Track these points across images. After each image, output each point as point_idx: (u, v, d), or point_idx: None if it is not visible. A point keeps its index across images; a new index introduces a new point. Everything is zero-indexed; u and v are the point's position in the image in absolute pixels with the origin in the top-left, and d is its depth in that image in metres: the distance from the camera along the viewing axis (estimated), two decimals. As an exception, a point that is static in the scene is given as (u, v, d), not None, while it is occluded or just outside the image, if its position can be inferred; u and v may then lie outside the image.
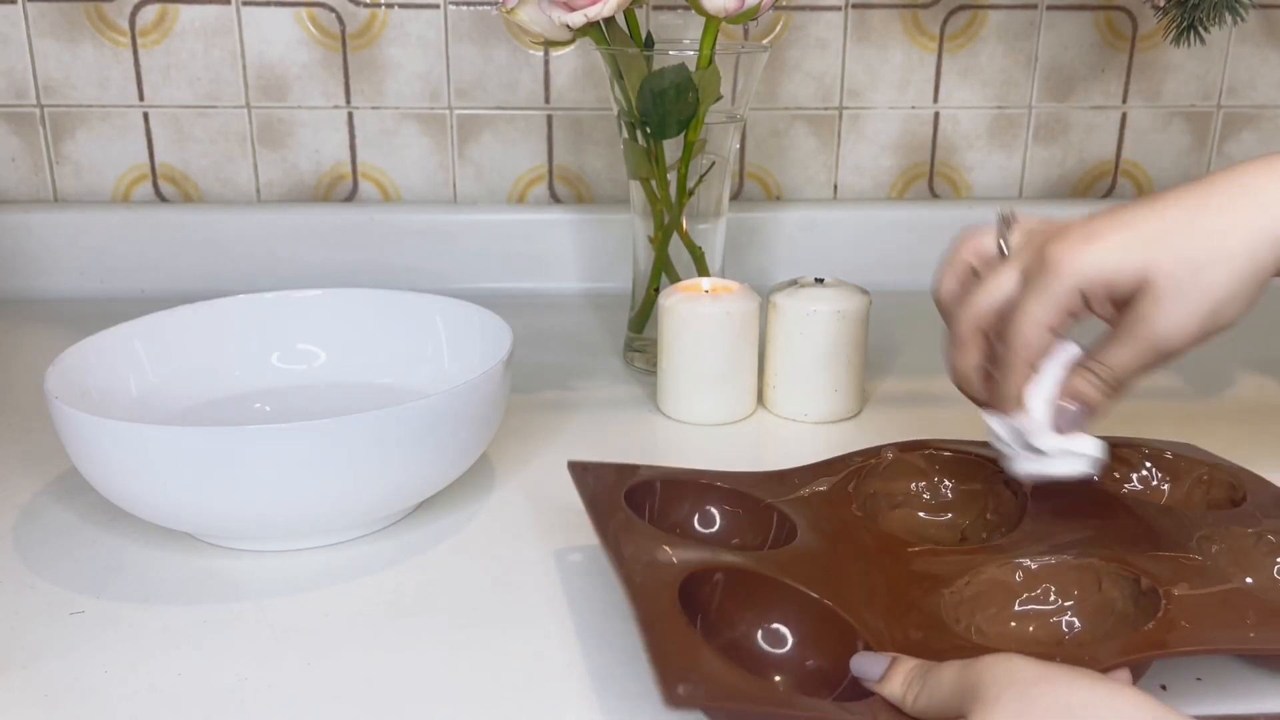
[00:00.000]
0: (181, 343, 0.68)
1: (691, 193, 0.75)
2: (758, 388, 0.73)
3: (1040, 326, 0.46)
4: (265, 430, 0.51)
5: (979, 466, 0.58)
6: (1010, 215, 0.51)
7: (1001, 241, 0.51)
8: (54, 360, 0.59)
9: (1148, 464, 0.59)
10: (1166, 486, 0.59)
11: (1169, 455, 0.60)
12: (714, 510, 0.56)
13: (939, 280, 0.54)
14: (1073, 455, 0.49)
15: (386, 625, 0.51)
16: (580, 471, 0.56)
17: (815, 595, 0.47)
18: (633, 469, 0.57)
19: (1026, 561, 0.49)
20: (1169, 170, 1.02)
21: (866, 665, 0.43)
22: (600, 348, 0.85)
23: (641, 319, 0.80)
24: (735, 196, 1.00)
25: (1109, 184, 1.03)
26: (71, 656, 0.49)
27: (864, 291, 0.72)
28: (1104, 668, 0.41)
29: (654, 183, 0.75)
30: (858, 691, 0.43)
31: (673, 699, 0.39)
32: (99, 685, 0.47)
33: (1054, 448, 0.49)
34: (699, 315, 0.69)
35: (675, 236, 0.77)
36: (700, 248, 0.77)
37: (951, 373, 0.52)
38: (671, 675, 0.40)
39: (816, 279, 0.73)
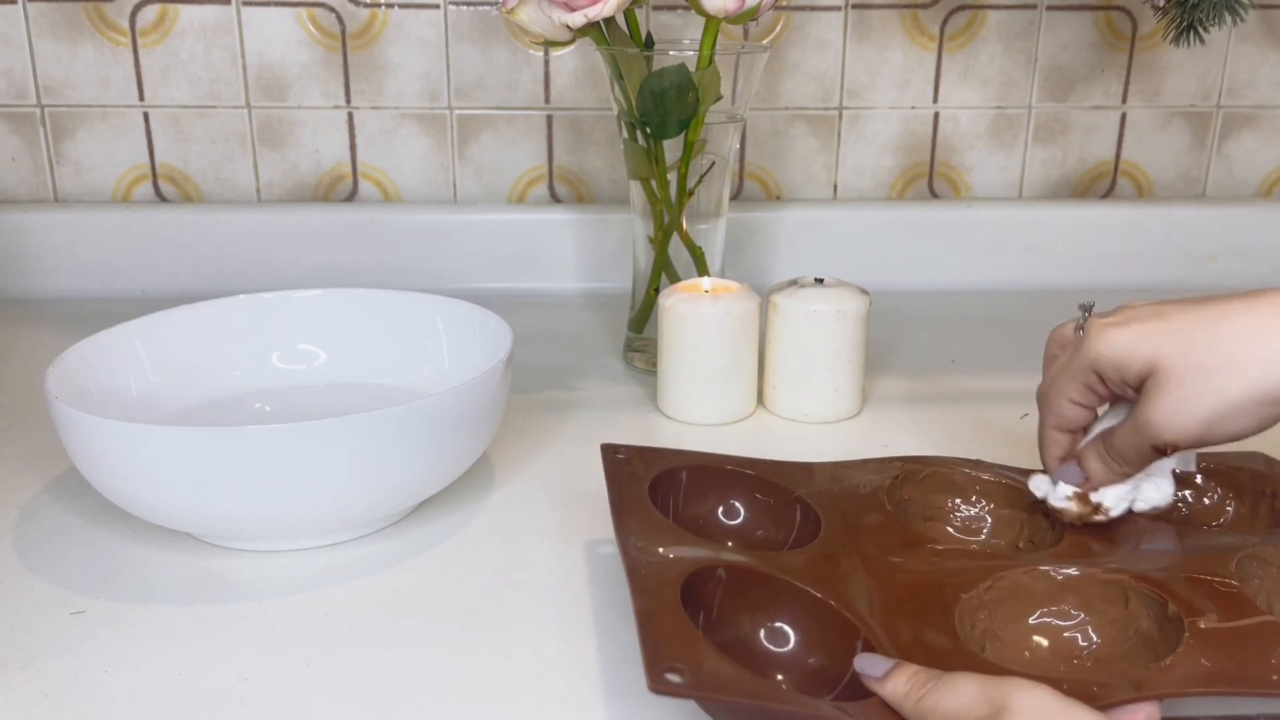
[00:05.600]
0: (181, 343, 0.68)
1: (691, 193, 0.75)
2: (758, 388, 0.73)
3: (1060, 397, 0.50)
4: (265, 430, 0.51)
5: (1020, 494, 0.56)
6: (1088, 305, 0.53)
7: (1078, 330, 0.53)
8: (54, 360, 0.59)
9: (1203, 478, 0.57)
10: (1230, 506, 0.56)
11: (1230, 469, 0.57)
12: (739, 502, 0.56)
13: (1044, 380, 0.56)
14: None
15: (386, 625, 0.51)
16: (611, 454, 0.56)
17: (818, 594, 0.47)
18: (663, 454, 0.57)
19: (1052, 570, 0.48)
20: (1168, 170, 1.02)
21: (869, 664, 0.43)
22: (600, 348, 0.85)
23: (641, 319, 0.80)
24: (735, 196, 1.00)
25: (1109, 184, 1.03)
26: (71, 656, 0.49)
27: (864, 291, 0.72)
28: (1130, 700, 0.41)
29: (654, 183, 0.75)
30: (858, 691, 0.43)
31: (658, 685, 0.39)
32: (99, 685, 0.47)
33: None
34: (699, 315, 0.69)
35: (675, 236, 0.77)
36: (700, 248, 0.77)
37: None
38: (659, 663, 0.40)
39: (816, 279, 0.73)
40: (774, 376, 0.72)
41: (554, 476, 0.65)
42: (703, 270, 0.78)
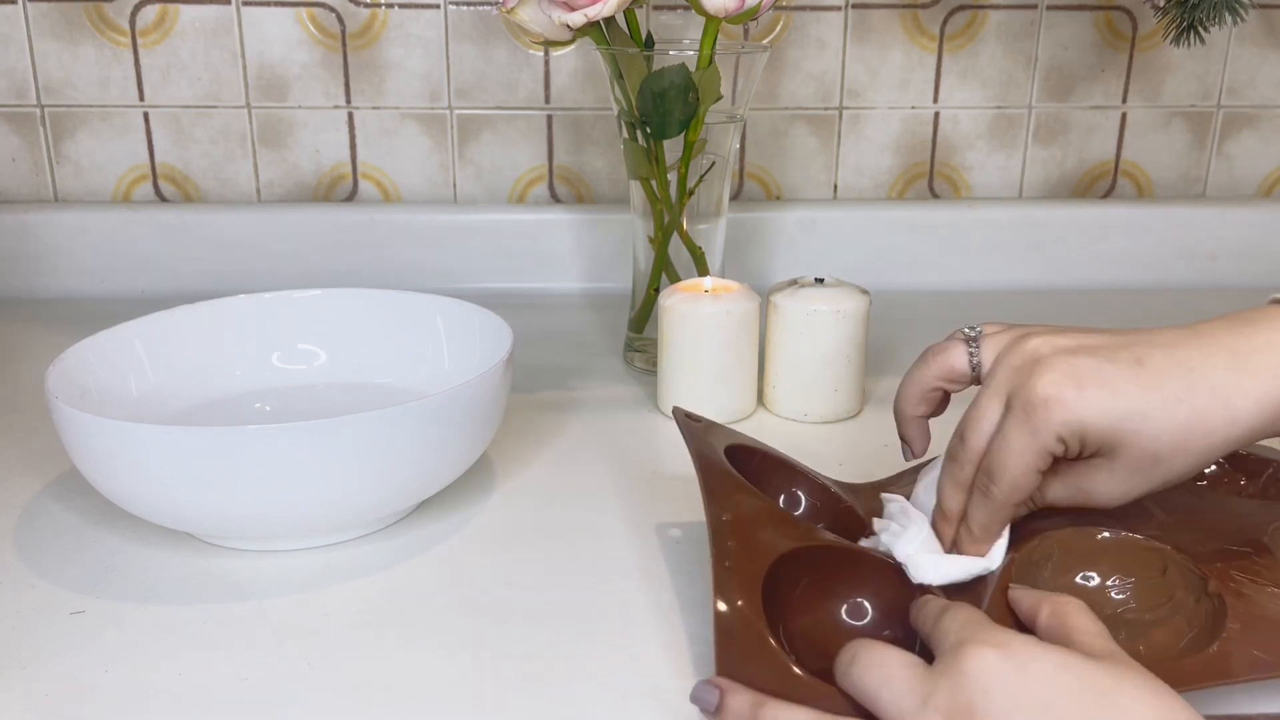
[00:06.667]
0: (181, 343, 0.68)
1: (691, 193, 0.75)
2: (758, 388, 0.73)
3: (1030, 470, 0.46)
4: (265, 430, 0.51)
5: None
6: (975, 333, 0.51)
7: (973, 362, 0.51)
8: (54, 360, 0.59)
9: (1269, 473, 0.57)
10: (1242, 485, 0.56)
11: (1238, 452, 0.57)
12: (800, 494, 0.56)
13: (904, 397, 0.54)
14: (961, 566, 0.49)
15: (387, 625, 0.51)
16: (685, 419, 0.57)
17: (891, 561, 0.48)
18: (726, 432, 0.57)
19: (1096, 531, 0.49)
20: (1169, 170, 1.02)
21: (701, 693, 0.42)
22: (600, 348, 0.85)
23: (641, 319, 0.80)
24: (735, 196, 1.00)
25: (1109, 184, 1.03)
26: (71, 656, 0.49)
27: (864, 291, 0.72)
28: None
29: (654, 183, 0.75)
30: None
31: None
32: (99, 685, 0.47)
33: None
34: (699, 315, 0.69)
35: (675, 236, 0.77)
36: (700, 248, 0.77)
37: (943, 502, 0.50)
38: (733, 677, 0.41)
39: (816, 279, 0.73)
40: (774, 376, 0.72)
41: (554, 476, 0.65)
42: (703, 270, 0.78)
